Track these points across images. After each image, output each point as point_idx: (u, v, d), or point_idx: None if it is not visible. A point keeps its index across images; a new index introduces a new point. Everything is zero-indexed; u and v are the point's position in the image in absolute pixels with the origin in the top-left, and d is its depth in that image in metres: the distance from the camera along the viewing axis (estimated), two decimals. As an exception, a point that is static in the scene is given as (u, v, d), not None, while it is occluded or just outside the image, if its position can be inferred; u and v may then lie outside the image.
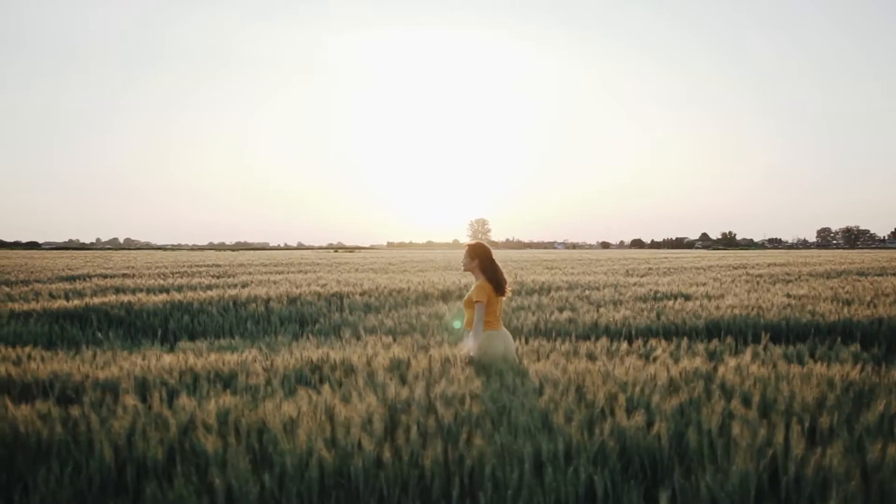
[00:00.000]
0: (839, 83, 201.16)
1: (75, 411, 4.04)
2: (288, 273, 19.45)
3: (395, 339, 7.29)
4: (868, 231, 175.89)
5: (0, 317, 9.84)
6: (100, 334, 8.50)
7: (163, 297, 11.16)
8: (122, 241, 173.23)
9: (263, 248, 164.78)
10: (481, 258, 5.03)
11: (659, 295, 10.87)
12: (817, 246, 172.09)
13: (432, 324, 8.49)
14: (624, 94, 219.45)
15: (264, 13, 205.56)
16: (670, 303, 9.48)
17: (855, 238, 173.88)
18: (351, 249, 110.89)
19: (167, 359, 5.76)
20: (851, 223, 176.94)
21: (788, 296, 10.18)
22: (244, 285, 14.15)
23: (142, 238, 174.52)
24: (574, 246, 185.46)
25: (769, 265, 24.18)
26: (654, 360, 5.19)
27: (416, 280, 14.52)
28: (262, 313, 9.84)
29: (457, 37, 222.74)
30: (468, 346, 4.97)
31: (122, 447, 3.44)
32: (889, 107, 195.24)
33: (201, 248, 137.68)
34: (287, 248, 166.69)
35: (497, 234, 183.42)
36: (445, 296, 11.59)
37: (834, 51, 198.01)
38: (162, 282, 15.29)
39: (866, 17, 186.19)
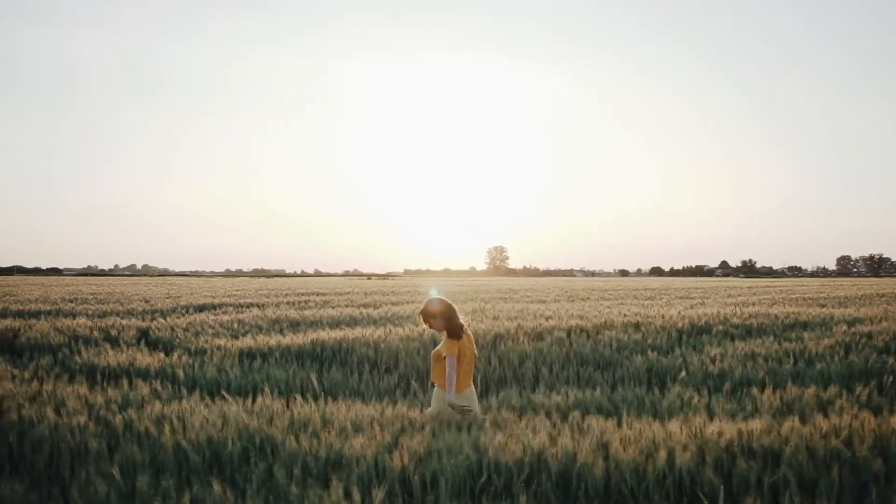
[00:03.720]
0: (858, 108, 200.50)
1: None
2: (473, 302, 17.88)
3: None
4: (889, 259, 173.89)
5: (227, 356, 8.38)
6: (415, 384, 7.00)
7: (383, 331, 9.69)
8: (139, 266, 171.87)
9: (280, 274, 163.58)
10: (440, 313, 4.82)
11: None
12: (838, 274, 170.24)
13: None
14: (638, 120, 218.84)
15: (275, 39, 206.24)
16: None
17: (878, 266, 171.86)
18: (384, 276, 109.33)
19: (672, 426, 4.29)
20: (869, 251, 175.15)
21: None
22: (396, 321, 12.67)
23: (159, 264, 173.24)
24: (592, 274, 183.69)
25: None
26: None
27: (606, 311, 13.02)
28: (557, 354, 8.36)
29: (470, 62, 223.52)
30: (438, 400, 4.81)
31: None
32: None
33: (220, 275, 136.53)
34: (304, 274, 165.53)
35: (514, 262, 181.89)
36: (701, 331, 10.07)
37: (853, 77, 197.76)
38: (321, 312, 13.83)
39: (887, 42, 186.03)
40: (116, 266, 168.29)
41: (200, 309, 15.82)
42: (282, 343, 8.99)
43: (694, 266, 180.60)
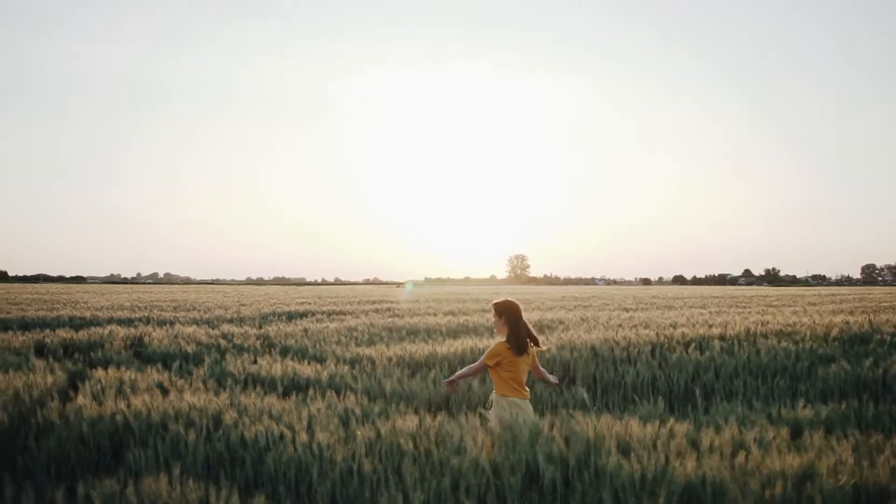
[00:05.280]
0: (881, 113, 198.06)
1: None
2: (557, 311, 17.44)
3: None
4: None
5: (387, 366, 7.91)
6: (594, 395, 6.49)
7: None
8: (161, 275, 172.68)
9: (302, 283, 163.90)
10: (507, 315, 4.71)
11: None
12: (863, 282, 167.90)
13: None
14: (654, 126, 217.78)
15: (287, 48, 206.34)
16: None
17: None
18: (400, 285, 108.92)
19: None
20: (894, 259, 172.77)
21: None
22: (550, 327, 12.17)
23: (181, 273, 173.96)
24: (614, 282, 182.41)
25: None
26: None
27: (726, 319, 12.46)
28: (730, 365, 7.81)
29: (487, 69, 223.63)
30: (499, 407, 4.64)
31: None
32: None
33: (243, 283, 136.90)
34: (325, 283, 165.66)
35: (533, 270, 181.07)
36: (861, 340, 9.48)
37: (876, 82, 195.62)
38: (424, 320, 13.36)
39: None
40: (139, 275, 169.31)
41: (290, 317, 15.42)
42: (436, 352, 8.52)
43: (717, 275, 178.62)
